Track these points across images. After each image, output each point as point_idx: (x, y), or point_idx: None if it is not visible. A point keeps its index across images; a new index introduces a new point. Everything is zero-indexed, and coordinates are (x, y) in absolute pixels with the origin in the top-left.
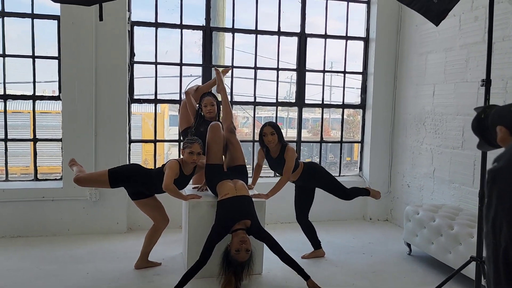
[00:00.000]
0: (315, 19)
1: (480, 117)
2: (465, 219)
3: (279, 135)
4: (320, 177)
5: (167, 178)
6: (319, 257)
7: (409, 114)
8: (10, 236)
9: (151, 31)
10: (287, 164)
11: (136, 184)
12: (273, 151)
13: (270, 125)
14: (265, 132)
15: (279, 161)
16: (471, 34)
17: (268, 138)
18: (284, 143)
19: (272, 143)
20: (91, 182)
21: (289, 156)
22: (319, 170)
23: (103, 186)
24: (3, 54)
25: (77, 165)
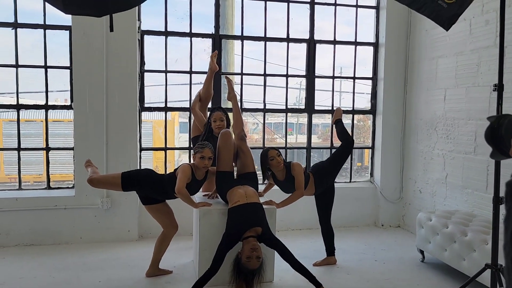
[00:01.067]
0: (324, 24)
1: (493, 126)
2: (479, 225)
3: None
4: (329, 172)
5: (180, 182)
6: (331, 265)
7: (420, 119)
8: (24, 245)
9: (161, 40)
10: (297, 179)
11: (148, 188)
12: (279, 174)
13: (273, 148)
14: (273, 156)
15: (289, 180)
16: (482, 38)
17: (277, 160)
18: (286, 162)
19: (281, 164)
20: (104, 184)
21: (297, 171)
22: (323, 166)
23: (115, 188)
24: (16, 65)
25: (92, 167)
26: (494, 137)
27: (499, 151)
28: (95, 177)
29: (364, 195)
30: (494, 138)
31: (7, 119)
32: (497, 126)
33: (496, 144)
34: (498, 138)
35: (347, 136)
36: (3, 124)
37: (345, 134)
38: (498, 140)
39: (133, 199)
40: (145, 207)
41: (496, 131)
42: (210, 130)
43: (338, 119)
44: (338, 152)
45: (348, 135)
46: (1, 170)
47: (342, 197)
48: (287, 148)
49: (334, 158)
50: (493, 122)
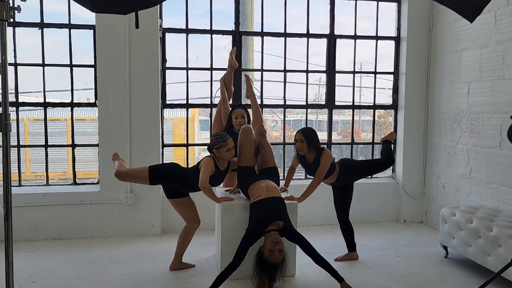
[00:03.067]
0: (344, 19)
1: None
2: (505, 220)
3: (309, 143)
4: (356, 171)
5: (203, 176)
6: (353, 260)
7: (443, 114)
8: (52, 239)
9: (182, 37)
10: (320, 167)
11: (174, 182)
12: (309, 157)
13: (301, 131)
14: (296, 139)
15: (316, 165)
16: (508, 29)
17: (298, 145)
18: (319, 149)
19: (301, 150)
20: (131, 178)
21: (324, 159)
22: (354, 164)
23: (142, 182)
24: (42, 64)
25: (119, 160)
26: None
27: None
28: (122, 170)
29: (386, 190)
30: None
31: (32, 118)
32: None
33: None
34: None
35: (390, 155)
36: (29, 122)
37: (389, 152)
38: None
39: (156, 194)
40: (169, 201)
41: None
42: (231, 126)
43: (388, 140)
44: (375, 162)
45: (392, 154)
46: (27, 168)
47: (364, 193)
48: None
49: (367, 162)
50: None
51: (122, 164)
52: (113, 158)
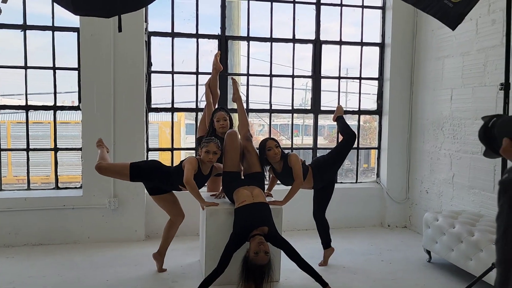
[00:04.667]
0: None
1: (486, 126)
2: (486, 225)
3: (281, 148)
4: (329, 164)
5: (187, 172)
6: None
7: (427, 120)
8: (32, 244)
9: (167, 41)
10: (294, 169)
11: (155, 179)
12: (277, 166)
13: (272, 139)
14: (270, 146)
15: (287, 172)
16: (488, 37)
17: (274, 151)
18: (283, 154)
19: (277, 155)
20: (112, 173)
21: (293, 161)
22: (323, 159)
23: (122, 178)
24: (25, 66)
25: (103, 148)
26: (486, 136)
27: (492, 150)
28: (103, 165)
29: (370, 195)
30: (487, 137)
31: (15, 120)
32: (490, 126)
33: (489, 143)
34: (491, 137)
35: (348, 130)
36: (11, 126)
37: (346, 128)
38: (491, 139)
39: (140, 199)
40: (152, 197)
41: (489, 130)
42: (214, 129)
43: (339, 116)
44: (340, 146)
45: (350, 129)
46: (9, 171)
47: (348, 198)
48: (293, 148)
49: (335, 151)
50: (487, 122)
51: (105, 156)
52: (98, 144)
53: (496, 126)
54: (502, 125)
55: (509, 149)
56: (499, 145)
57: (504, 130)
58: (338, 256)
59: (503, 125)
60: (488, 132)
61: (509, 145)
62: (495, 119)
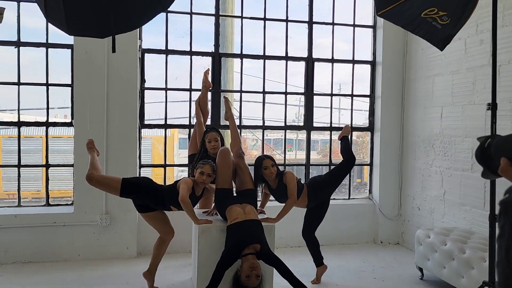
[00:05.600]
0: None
1: (483, 146)
2: (477, 242)
3: (277, 166)
4: (326, 184)
5: (183, 191)
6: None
7: (418, 137)
8: (22, 262)
9: (161, 57)
10: (289, 187)
11: (146, 198)
12: (272, 183)
13: (268, 157)
14: (266, 165)
15: (281, 189)
16: (477, 57)
17: (271, 170)
18: (279, 170)
19: (273, 174)
20: (102, 185)
21: (289, 178)
22: (321, 179)
23: (112, 192)
24: (18, 82)
25: (93, 152)
26: (484, 157)
27: (490, 171)
28: (95, 176)
29: (363, 212)
30: (484, 158)
31: (6, 135)
32: (486, 146)
33: (487, 164)
34: (488, 157)
35: (350, 153)
36: (3, 140)
37: (348, 151)
38: (488, 160)
39: (132, 216)
40: (141, 215)
41: (486, 150)
42: (205, 149)
43: (345, 136)
44: (338, 168)
45: (351, 152)
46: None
47: (341, 214)
48: (286, 164)
49: (332, 173)
50: (483, 143)
51: (96, 165)
52: (88, 146)
53: (492, 146)
54: (498, 145)
55: (508, 169)
56: (497, 165)
57: (500, 150)
58: (331, 273)
59: (498, 144)
60: (485, 153)
61: (507, 164)
62: (490, 140)
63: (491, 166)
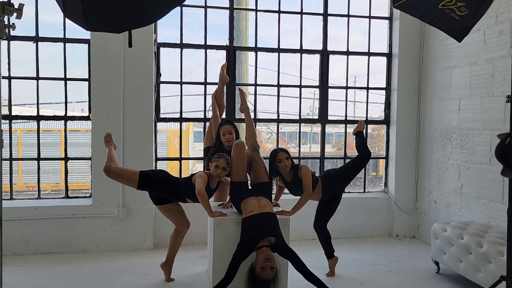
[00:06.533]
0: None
1: (503, 144)
2: (495, 236)
3: (292, 160)
4: (340, 179)
5: (199, 184)
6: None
7: (435, 129)
8: (42, 253)
9: (176, 51)
10: (304, 181)
11: (163, 190)
12: (287, 176)
13: (283, 150)
14: (281, 158)
15: (296, 182)
16: (496, 48)
17: (285, 163)
18: (295, 167)
19: (287, 167)
20: (120, 178)
21: (304, 172)
22: (335, 173)
23: (129, 184)
24: (37, 77)
25: (110, 145)
26: (504, 154)
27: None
28: (113, 168)
29: (378, 205)
30: (505, 155)
31: (25, 129)
32: (507, 144)
33: (507, 162)
34: (509, 155)
35: (365, 148)
36: (22, 134)
37: (363, 146)
38: (509, 158)
39: (148, 208)
40: (157, 207)
41: (506, 148)
42: (220, 142)
43: (359, 131)
44: (353, 162)
45: (366, 147)
46: (19, 179)
47: (356, 207)
48: (301, 158)
49: (347, 167)
50: (503, 140)
51: (114, 157)
52: (106, 140)
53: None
54: None
55: None
56: None
57: None
58: (346, 266)
59: None
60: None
61: None
62: (510, 138)
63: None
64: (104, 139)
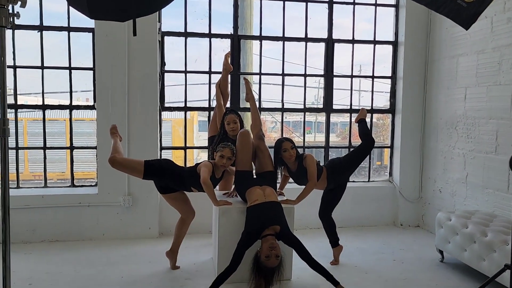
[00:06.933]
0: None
1: None
2: (500, 225)
3: (296, 149)
4: (345, 168)
5: (204, 174)
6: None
7: (440, 119)
8: (49, 241)
9: (180, 40)
10: (309, 170)
11: (168, 179)
12: (292, 165)
13: (287, 140)
14: (286, 148)
15: (301, 172)
16: (503, 36)
17: (290, 153)
18: (300, 156)
19: (292, 157)
20: (125, 168)
21: (309, 161)
22: (339, 161)
23: (135, 174)
24: (41, 66)
25: (116, 137)
26: None
27: None
28: (118, 159)
29: (383, 194)
30: None
31: (31, 118)
32: None
33: None
34: None
35: (368, 136)
36: (28, 123)
37: (367, 134)
38: None
39: (154, 197)
40: (162, 196)
41: None
42: (225, 132)
43: (362, 118)
44: (357, 150)
45: (370, 135)
46: (26, 168)
47: (361, 196)
48: (305, 147)
49: (352, 155)
50: None
51: (119, 148)
52: (111, 131)
53: None
54: None
55: None
56: None
57: None
58: (350, 255)
59: None
60: None
61: None
62: None
63: None
64: (110, 130)
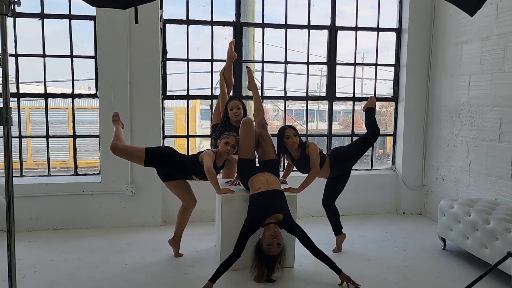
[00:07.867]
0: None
1: None
2: (502, 213)
3: (299, 136)
4: (349, 157)
5: (208, 162)
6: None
7: (444, 106)
8: (53, 229)
9: (182, 27)
10: (312, 158)
11: (169, 167)
12: (294, 153)
13: (290, 127)
14: (289, 135)
15: (304, 160)
16: (509, 22)
17: (293, 140)
18: (303, 144)
19: (295, 144)
20: (126, 155)
21: (312, 149)
22: (343, 150)
23: (136, 161)
24: (43, 54)
25: (118, 124)
26: None
27: None
28: (119, 146)
29: (385, 182)
30: None
31: (33, 107)
32: None
33: None
34: None
35: (374, 125)
36: (30, 111)
37: (373, 123)
38: None
39: (157, 185)
40: (164, 184)
41: None
42: (228, 118)
43: (370, 107)
44: (362, 140)
45: (376, 124)
46: (29, 157)
47: (363, 184)
48: (308, 135)
49: (355, 144)
50: None
51: (120, 135)
52: (113, 119)
53: None
54: None
55: None
56: None
57: None
58: (352, 242)
59: None
60: None
61: None
62: None
63: None
64: (112, 118)
